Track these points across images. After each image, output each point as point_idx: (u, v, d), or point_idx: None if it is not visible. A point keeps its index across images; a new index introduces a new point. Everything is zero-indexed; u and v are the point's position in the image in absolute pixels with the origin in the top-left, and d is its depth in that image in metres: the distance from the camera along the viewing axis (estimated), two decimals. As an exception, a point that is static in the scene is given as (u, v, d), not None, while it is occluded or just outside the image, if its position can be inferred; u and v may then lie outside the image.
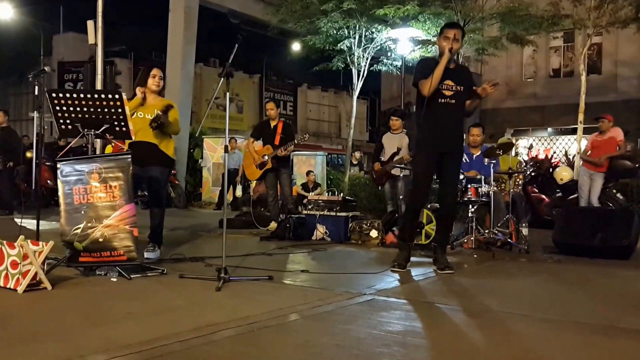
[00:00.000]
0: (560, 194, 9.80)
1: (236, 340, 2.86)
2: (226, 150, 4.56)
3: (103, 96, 4.51)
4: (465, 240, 6.46)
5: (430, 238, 6.28)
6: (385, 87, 27.32)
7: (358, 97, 15.47)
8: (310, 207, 7.59)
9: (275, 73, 37.34)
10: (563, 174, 10.00)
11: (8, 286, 3.78)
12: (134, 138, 4.72)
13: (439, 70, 4.76)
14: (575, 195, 9.17)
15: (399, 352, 2.68)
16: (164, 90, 5.42)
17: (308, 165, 14.41)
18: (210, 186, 15.11)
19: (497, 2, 13.47)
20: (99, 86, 9.60)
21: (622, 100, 19.12)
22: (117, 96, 4.48)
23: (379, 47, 14.82)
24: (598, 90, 17.99)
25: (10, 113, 13.90)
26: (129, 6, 29.72)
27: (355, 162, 15.07)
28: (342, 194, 8.31)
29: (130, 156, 4.41)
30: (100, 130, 4.50)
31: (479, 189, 6.34)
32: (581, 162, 9.38)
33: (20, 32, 26.43)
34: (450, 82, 4.88)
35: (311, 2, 13.54)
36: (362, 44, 14.41)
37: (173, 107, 5.31)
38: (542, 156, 14.40)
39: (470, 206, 6.35)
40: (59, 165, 4.41)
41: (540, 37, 15.36)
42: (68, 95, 4.43)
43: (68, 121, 4.50)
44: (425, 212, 6.45)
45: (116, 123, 4.51)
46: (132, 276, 4.26)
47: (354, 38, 14.21)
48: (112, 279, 4.24)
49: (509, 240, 6.49)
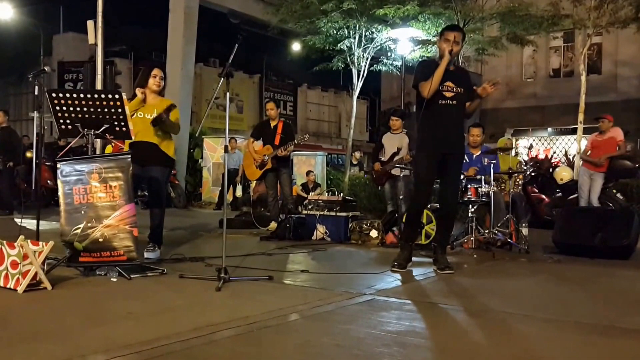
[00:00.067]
0: (560, 194, 9.80)
1: (236, 340, 2.86)
2: (226, 150, 4.56)
3: (103, 96, 4.51)
4: (465, 240, 6.46)
5: (430, 238, 6.29)
6: (385, 87, 27.32)
7: (358, 97, 15.47)
8: (310, 207, 7.59)
9: (275, 73, 37.33)
10: (563, 174, 10.00)
11: (8, 286, 3.78)
12: (134, 138, 4.72)
13: (439, 72, 4.77)
14: (575, 195, 9.17)
15: (399, 352, 2.68)
16: (164, 90, 5.42)
17: (308, 165, 14.41)
18: (210, 186, 15.11)
19: (497, 2, 13.47)
20: (99, 86, 9.61)
21: (622, 100, 19.13)
22: (117, 96, 4.48)
23: (379, 47, 14.82)
24: (598, 90, 17.99)
25: (10, 113, 13.90)
26: (129, 6, 29.72)
27: (355, 162, 15.07)
28: (342, 194, 8.30)
29: (130, 156, 4.41)
30: (100, 130, 4.50)
31: (479, 189, 6.35)
32: (581, 162, 9.38)
33: (20, 32, 26.44)
34: (451, 84, 4.89)
35: (311, 2, 13.53)
36: (362, 44, 14.40)
37: (175, 107, 5.32)
38: (542, 156, 14.41)
39: (470, 206, 6.35)
40: (59, 165, 4.41)
41: (540, 37, 15.35)
42: (68, 95, 4.43)
43: (68, 121, 4.51)
44: (425, 212, 6.44)
45: (116, 123, 4.51)
46: (132, 276, 4.26)
47: (354, 38, 14.21)
48: (112, 279, 4.24)
49: (509, 240, 6.49)
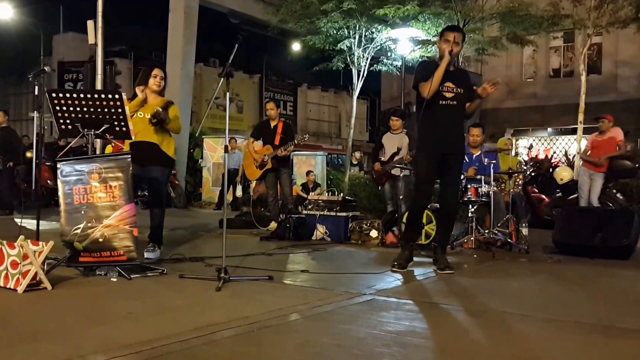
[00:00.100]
0: (560, 194, 9.80)
1: (236, 340, 2.86)
2: (226, 150, 4.57)
3: (103, 96, 4.51)
4: (465, 240, 6.46)
5: (430, 238, 6.28)
6: (385, 87, 27.33)
7: (358, 97, 15.47)
8: (310, 207, 7.59)
9: (275, 73, 37.34)
10: (563, 174, 10.00)
11: (8, 286, 3.78)
12: (134, 138, 4.72)
13: (439, 72, 4.77)
14: (575, 195, 9.17)
15: (399, 352, 2.68)
16: (164, 90, 5.42)
17: (308, 165, 14.41)
18: (210, 186, 15.11)
19: (497, 2, 13.47)
20: (99, 86, 9.61)
21: (622, 100, 19.12)
22: (117, 96, 4.48)
23: (379, 47, 14.81)
24: (598, 90, 17.99)
25: (10, 113, 13.92)
26: (129, 6, 29.76)
27: (355, 162, 15.07)
28: (342, 194, 8.30)
29: (130, 156, 4.41)
30: (100, 130, 4.51)
31: (479, 189, 6.35)
32: (581, 162, 9.39)
33: (20, 32, 26.45)
34: (451, 85, 4.90)
35: (311, 2, 13.53)
36: (362, 44, 14.40)
37: (173, 104, 5.32)
38: (542, 156, 14.41)
39: (470, 206, 6.35)
40: (59, 165, 4.41)
41: (540, 37, 15.35)
42: (68, 95, 4.43)
43: (68, 121, 4.51)
44: (426, 212, 6.43)
45: (116, 123, 4.51)
46: (132, 276, 4.26)
47: (354, 38, 14.20)
48: (112, 279, 4.24)
49: (509, 240, 6.49)
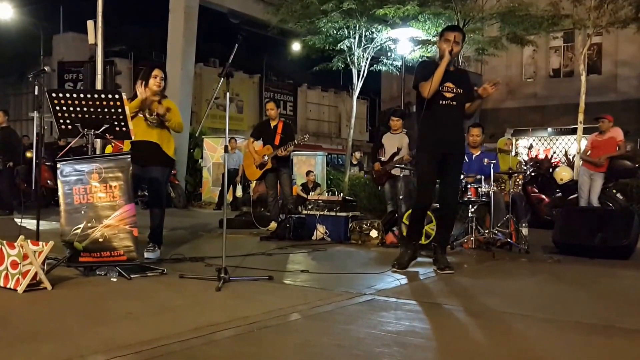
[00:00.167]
0: (560, 194, 9.80)
1: (236, 340, 2.86)
2: (226, 150, 4.57)
3: (103, 96, 4.51)
4: (465, 240, 6.46)
5: (430, 238, 6.28)
6: (385, 87, 27.33)
7: (358, 97, 15.46)
8: (310, 207, 7.59)
9: (275, 73, 37.35)
10: (563, 174, 10.00)
11: (8, 286, 3.78)
12: (133, 138, 4.72)
13: (439, 72, 4.77)
14: (575, 195, 9.17)
15: (399, 352, 2.68)
16: (164, 90, 5.42)
17: (308, 165, 14.41)
18: (210, 186, 15.12)
19: (497, 2, 13.46)
20: (99, 86, 9.60)
21: (622, 100, 19.12)
22: (117, 96, 4.49)
23: (379, 47, 14.81)
24: (598, 90, 17.99)
25: (10, 113, 13.90)
26: (129, 6, 29.78)
27: (355, 162, 15.07)
28: (342, 194, 8.30)
29: (129, 156, 4.41)
30: (100, 130, 4.51)
31: (479, 189, 6.35)
32: (581, 162, 9.39)
33: (20, 32, 26.45)
34: (451, 85, 4.90)
35: (311, 2, 13.53)
36: (362, 44, 14.40)
37: (166, 97, 5.36)
38: (542, 156, 14.40)
39: (470, 206, 6.35)
40: (59, 165, 4.41)
41: (540, 37, 15.33)
42: (68, 95, 4.43)
43: (68, 121, 4.51)
44: (426, 212, 6.45)
45: (116, 123, 4.51)
46: (132, 276, 4.26)
47: (354, 38, 14.20)
48: (112, 279, 4.24)
49: (509, 240, 6.49)
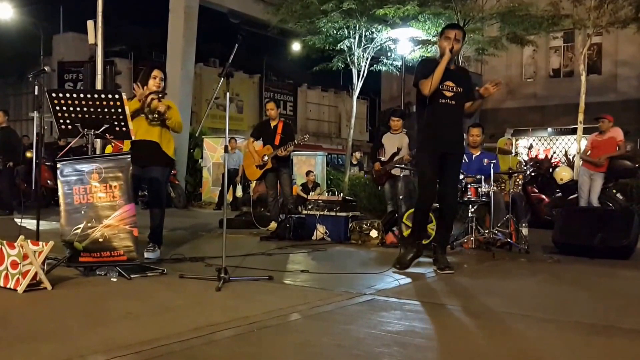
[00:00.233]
0: (560, 194, 9.80)
1: (236, 340, 2.86)
2: (226, 150, 4.57)
3: (103, 96, 4.51)
4: (465, 240, 6.46)
5: (430, 238, 6.28)
6: (385, 87, 27.32)
7: (358, 97, 15.46)
8: (310, 207, 7.59)
9: (275, 73, 37.35)
10: (563, 174, 10.00)
11: (8, 286, 3.78)
12: (133, 138, 4.72)
13: (439, 69, 4.76)
14: (575, 195, 9.17)
15: (399, 352, 2.68)
16: (164, 91, 5.42)
17: (308, 165, 14.42)
18: (210, 186, 15.12)
19: (497, 2, 13.46)
20: (99, 86, 9.61)
21: (622, 100, 19.13)
22: (117, 96, 4.49)
23: (379, 47, 14.81)
24: (598, 90, 18.00)
25: (10, 113, 13.89)
26: (129, 6, 29.78)
27: (355, 162, 15.07)
28: (342, 194, 8.30)
29: (129, 156, 4.41)
30: (100, 130, 4.51)
31: (479, 189, 6.34)
32: (581, 162, 9.39)
33: (20, 32, 26.45)
34: (451, 83, 4.89)
35: (311, 2, 13.53)
36: (362, 44, 14.40)
37: (165, 95, 5.36)
38: (542, 156, 14.39)
39: (470, 206, 6.35)
40: (59, 165, 4.41)
41: (540, 37, 15.34)
42: (68, 95, 4.43)
43: (68, 121, 4.51)
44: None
45: (116, 123, 4.51)
46: (132, 276, 4.26)
47: (354, 38, 14.20)
48: (112, 279, 4.24)
49: (509, 240, 6.49)
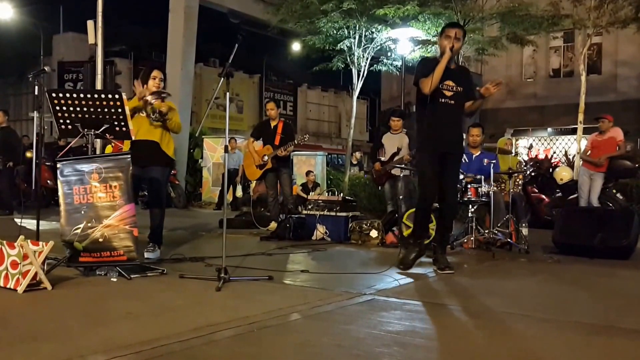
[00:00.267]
0: (560, 194, 9.80)
1: (236, 340, 2.86)
2: (226, 150, 4.57)
3: (103, 96, 4.51)
4: (465, 240, 6.46)
5: (430, 238, 6.28)
6: (385, 87, 27.32)
7: (358, 97, 15.45)
8: (310, 207, 7.59)
9: (275, 73, 37.35)
10: (563, 174, 10.00)
11: (8, 286, 3.78)
12: (134, 138, 4.72)
13: (440, 68, 4.75)
14: (575, 195, 9.17)
15: (399, 352, 2.68)
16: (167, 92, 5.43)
17: (308, 165, 14.41)
18: (210, 186, 15.12)
19: (497, 2, 13.46)
20: (99, 86, 9.61)
21: (622, 100, 19.12)
22: (117, 96, 4.49)
23: (379, 47, 14.80)
24: (598, 90, 17.99)
25: (10, 113, 13.89)
26: (129, 6, 29.79)
27: (355, 162, 15.07)
28: (342, 194, 8.30)
29: (129, 156, 4.41)
30: (100, 130, 4.51)
31: (479, 189, 6.34)
32: (581, 162, 9.39)
33: (20, 32, 26.45)
34: (451, 83, 4.89)
35: (311, 2, 13.52)
36: (362, 44, 14.39)
37: (170, 96, 5.38)
38: (542, 156, 14.39)
39: (470, 206, 6.35)
40: (58, 165, 4.41)
41: (540, 37, 15.33)
42: (68, 95, 4.43)
43: (68, 121, 4.51)
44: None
45: (116, 123, 4.52)
46: (132, 276, 4.26)
47: (354, 38, 14.20)
48: (112, 279, 4.24)
49: (509, 240, 6.49)
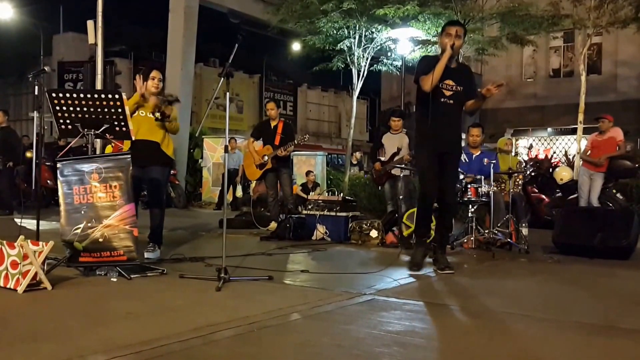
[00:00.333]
0: (560, 194, 9.80)
1: (236, 340, 2.86)
2: (226, 150, 4.57)
3: (103, 96, 4.51)
4: (465, 240, 6.46)
5: (430, 238, 6.28)
6: (385, 87, 27.32)
7: (358, 97, 15.45)
8: (310, 207, 7.59)
9: (275, 73, 37.34)
10: (563, 174, 10.00)
11: (8, 286, 3.78)
12: (134, 138, 4.72)
13: (440, 65, 4.74)
14: (575, 195, 9.16)
15: (399, 352, 2.68)
16: (163, 91, 5.42)
17: (308, 165, 14.41)
18: (210, 186, 15.12)
19: (497, 2, 13.45)
20: (99, 86, 9.61)
21: (622, 100, 19.13)
22: (117, 96, 4.49)
23: (379, 47, 14.80)
24: (598, 90, 17.99)
25: (10, 113, 13.90)
26: (129, 6, 29.78)
27: (355, 162, 15.07)
28: (342, 194, 8.30)
29: (129, 156, 4.41)
30: (100, 130, 4.51)
31: (479, 189, 6.34)
32: (581, 162, 9.39)
33: (20, 32, 26.45)
34: (451, 82, 4.88)
35: (311, 2, 13.51)
36: (362, 44, 14.39)
37: (179, 101, 5.38)
38: (542, 156, 14.40)
39: (470, 206, 6.35)
40: (58, 165, 4.42)
41: (540, 37, 15.32)
42: (68, 95, 4.43)
43: (68, 121, 4.51)
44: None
45: (116, 123, 4.52)
46: (132, 276, 4.26)
47: (354, 38, 14.19)
48: (112, 279, 4.24)
49: (509, 240, 6.49)
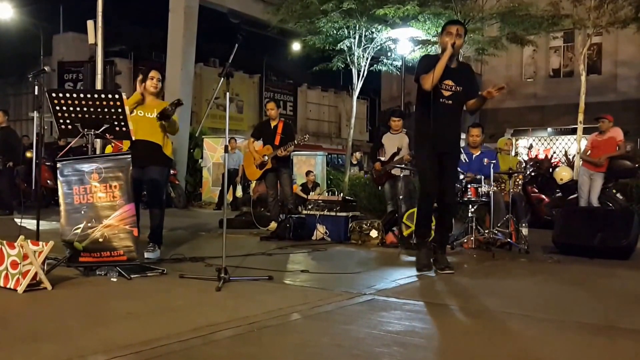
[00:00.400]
0: (560, 194, 9.80)
1: (236, 340, 2.86)
2: (226, 150, 4.57)
3: (103, 96, 4.51)
4: (465, 240, 6.46)
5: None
6: (385, 87, 27.32)
7: (358, 97, 15.44)
8: (310, 207, 7.59)
9: (275, 73, 37.32)
10: (563, 174, 10.00)
11: (8, 286, 3.78)
12: (133, 138, 4.72)
13: (441, 64, 4.74)
14: (575, 195, 9.16)
15: (399, 352, 2.68)
16: (163, 91, 5.42)
17: (308, 165, 14.42)
18: (210, 186, 15.12)
19: (497, 2, 13.45)
20: (99, 86, 9.61)
21: (622, 100, 19.12)
22: (117, 96, 4.49)
23: (379, 47, 14.80)
24: (598, 90, 17.99)
25: (10, 113, 13.90)
26: (129, 6, 29.76)
27: (355, 162, 15.07)
28: (342, 194, 8.30)
29: (129, 156, 4.41)
30: (100, 130, 4.51)
31: (479, 189, 6.34)
32: (581, 162, 9.39)
33: (20, 32, 26.44)
34: (450, 82, 4.88)
35: (311, 2, 13.51)
36: (362, 44, 14.38)
37: (182, 104, 5.37)
38: (542, 156, 14.40)
39: (470, 206, 6.35)
40: (58, 165, 4.42)
41: (540, 37, 15.31)
42: (68, 95, 4.43)
43: (68, 121, 4.51)
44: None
45: (116, 123, 4.52)
46: (132, 276, 4.26)
47: (354, 38, 14.19)
48: (112, 279, 4.24)
49: (509, 240, 6.49)
